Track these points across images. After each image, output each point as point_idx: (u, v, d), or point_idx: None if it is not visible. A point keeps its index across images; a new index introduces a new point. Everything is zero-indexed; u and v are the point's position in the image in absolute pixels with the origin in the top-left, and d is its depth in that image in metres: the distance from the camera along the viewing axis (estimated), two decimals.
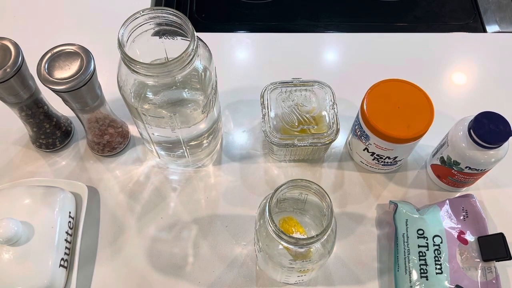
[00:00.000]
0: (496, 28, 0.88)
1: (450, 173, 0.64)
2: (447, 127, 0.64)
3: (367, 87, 0.63)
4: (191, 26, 0.51)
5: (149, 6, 0.86)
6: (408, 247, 0.60)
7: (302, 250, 0.50)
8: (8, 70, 0.55)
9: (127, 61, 0.49)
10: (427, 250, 0.59)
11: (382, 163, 0.66)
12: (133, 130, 0.72)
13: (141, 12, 0.52)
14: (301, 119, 0.65)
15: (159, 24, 0.53)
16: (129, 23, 0.51)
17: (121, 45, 0.50)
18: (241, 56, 0.83)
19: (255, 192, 0.67)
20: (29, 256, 0.56)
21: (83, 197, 0.64)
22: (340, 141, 0.72)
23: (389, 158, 0.64)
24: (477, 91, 0.79)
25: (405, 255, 0.59)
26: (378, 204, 0.67)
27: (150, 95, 0.55)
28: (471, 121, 0.58)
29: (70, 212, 0.61)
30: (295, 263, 0.51)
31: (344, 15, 0.92)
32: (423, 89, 0.63)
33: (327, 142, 0.63)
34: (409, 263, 0.59)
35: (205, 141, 0.66)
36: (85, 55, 0.57)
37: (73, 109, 0.62)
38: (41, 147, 0.69)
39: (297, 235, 0.56)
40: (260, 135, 0.72)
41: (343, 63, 0.83)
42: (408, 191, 0.68)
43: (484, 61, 0.82)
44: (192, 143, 0.64)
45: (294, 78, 0.67)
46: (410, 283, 0.58)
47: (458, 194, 0.67)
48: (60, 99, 0.59)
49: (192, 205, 0.67)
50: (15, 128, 0.71)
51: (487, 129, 0.57)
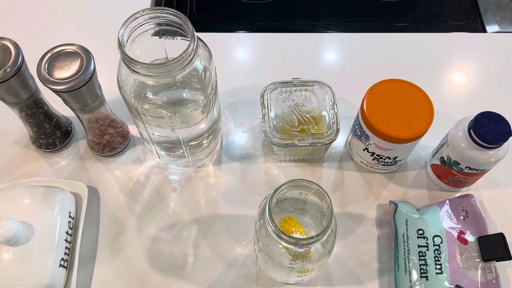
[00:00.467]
0: (496, 28, 0.88)
1: (450, 173, 0.64)
2: (447, 127, 0.64)
3: (367, 87, 0.63)
4: (191, 26, 0.51)
5: (149, 6, 0.86)
6: (408, 247, 0.60)
7: (302, 250, 0.50)
8: (8, 70, 0.55)
9: (127, 61, 0.49)
10: (427, 250, 0.59)
11: (382, 163, 0.66)
12: (133, 130, 0.72)
13: (141, 12, 0.52)
14: (301, 119, 0.65)
15: (159, 24, 0.53)
16: (129, 23, 0.51)
17: (121, 45, 0.50)
18: (241, 56, 0.83)
19: (255, 192, 0.67)
20: (29, 256, 0.56)
21: (83, 197, 0.64)
22: (340, 141, 0.72)
23: (389, 158, 0.64)
24: (477, 91, 0.79)
25: (405, 255, 0.59)
26: (378, 204, 0.67)
27: (150, 95, 0.55)
28: (471, 121, 0.58)
29: (70, 212, 0.61)
30: (295, 263, 0.51)
31: (344, 15, 0.92)
32: (423, 89, 0.63)
33: (327, 142, 0.63)
34: (409, 263, 0.59)
35: (205, 141, 0.66)
36: (85, 55, 0.57)
37: (73, 109, 0.62)
38: (41, 147, 0.69)
39: (297, 235, 0.56)
40: (260, 135, 0.72)
41: (343, 63, 0.83)
42: (408, 191, 0.68)
43: (484, 61, 0.82)
44: (192, 143, 0.64)
45: (294, 78, 0.67)
46: (410, 283, 0.58)
47: (458, 194, 0.67)
48: (60, 99, 0.59)
49: (192, 205, 0.67)
50: (15, 128, 0.71)
51: (487, 129, 0.57)
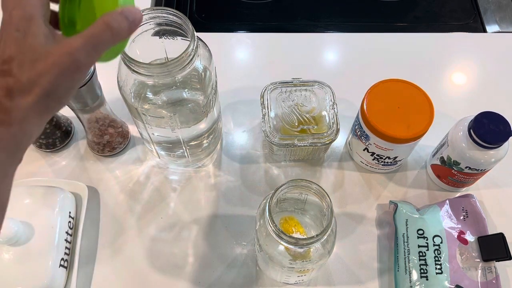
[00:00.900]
0: (496, 28, 0.88)
1: (450, 173, 0.64)
2: (447, 127, 0.64)
3: (367, 87, 0.63)
4: (191, 26, 0.51)
5: (149, 6, 0.86)
6: (408, 247, 0.60)
7: (302, 250, 0.50)
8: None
9: (127, 61, 0.49)
10: (427, 250, 0.59)
11: (382, 163, 0.66)
12: (133, 130, 0.72)
13: (141, 12, 0.52)
14: (301, 119, 0.65)
15: (159, 24, 0.53)
16: None
17: None
18: (241, 56, 0.83)
19: (255, 192, 0.67)
20: (29, 256, 0.56)
21: (83, 197, 0.64)
22: (340, 141, 0.72)
23: (389, 158, 0.64)
24: (477, 91, 0.79)
25: (405, 255, 0.59)
26: (378, 204, 0.67)
27: (150, 95, 0.55)
28: (471, 121, 0.58)
29: (70, 212, 0.61)
30: (295, 263, 0.51)
31: (344, 15, 0.92)
32: (423, 89, 0.63)
33: (327, 142, 0.63)
34: (409, 263, 0.59)
35: (205, 141, 0.66)
36: None
37: (73, 109, 0.62)
38: (41, 147, 0.69)
39: (297, 235, 0.56)
40: (260, 135, 0.72)
41: (343, 63, 0.83)
42: (408, 191, 0.68)
43: (484, 61, 0.82)
44: (192, 143, 0.64)
45: (294, 78, 0.67)
46: (410, 283, 0.58)
47: (458, 194, 0.67)
48: None
49: (192, 205, 0.67)
50: None
51: (487, 129, 0.57)
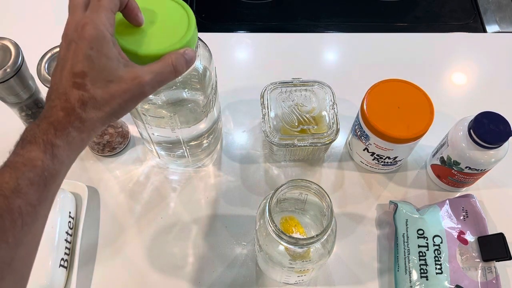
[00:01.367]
0: (496, 28, 0.88)
1: (450, 173, 0.64)
2: (447, 127, 0.64)
3: (367, 87, 0.63)
4: None
5: None
6: (408, 247, 0.60)
7: (301, 250, 0.50)
8: (8, 70, 0.55)
9: None
10: (427, 250, 0.59)
11: (382, 163, 0.66)
12: (133, 130, 0.72)
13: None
14: (301, 119, 0.65)
15: None
16: None
17: None
18: (241, 56, 0.83)
19: (255, 192, 0.67)
20: None
21: (83, 197, 0.64)
22: (340, 141, 0.72)
23: (389, 158, 0.64)
24: (477, 91, 0.79)
25: (405, 255, 0.59)
26: (378, 204, 0.67)
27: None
28: (471, 121, 0.58)
29: (70, 212, 0.61)
30: (295, 263, 0.51)
31: (344, 15, 0.92)
32: (423, 89, 0.63)
33: (327, 142, 0.63)
34: (409, 263, 0.59)
35: (205, 141, 0.66)
36: None
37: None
38: None
39: (297, 235, 0.56)
40: (260, 135, 0.72)
41: (343, 63, 0.83)
42: (408, 191, 0.68)
43: (484, 61, 0.82)
44: (192, 143, 0.64)
45: (294, 78, 0.67)
46: (410, 283, 0.58)
47: (458, 194, 0.67)
48: None
49: (192, 205, 0.67)
50: (15, 128, 0.71)
51: (487, 129, 0.57)
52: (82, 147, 0.41)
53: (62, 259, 0.58)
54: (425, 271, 0.58)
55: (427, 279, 0.57)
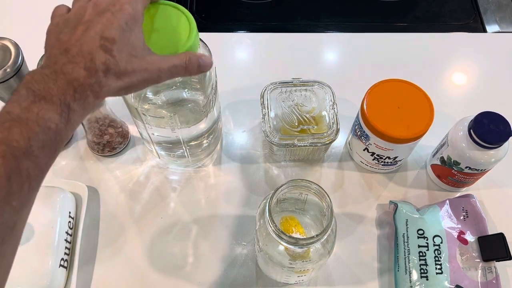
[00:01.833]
0: (496, 28, 0.88)
1: (450, 173, 0.64)
2: (447, 127, 0.64)
3: (367, 87, 0.63)
4: None
5: None
6: (408, 247, 0.60)
7: (301, 250, 0.50)
8: (8, 70, 0.55)
9: None
10: (427, 250, 0.59)
11: (382, 163, 0.66)
12: (133, 130, 0.72)
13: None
14: (301, 119, 0.65)
15: None
16: None
17: None
18: (241, 56, 0.83)
19: (255, 192, 0.67)
20: (29, 256, 0.56)
21: (83, 197, 0.64)
22: (340, 141, 0.72)
23: (389, 158, 0.64)
24: (477, 91, 0.79)
25: (405, 255, 0.59)
26: (378, 204, 0.67)
27: (150, 95, 0.54)
28: (471, 121, 0.58)
29: (70, 212, 0.61)
30: (295, 263, 0.51)
31: (344, 15, 0.92)
32: (423, 89, 0.63)
33: (327, 142, 0.63)
34: (409, 263, 0.59)
35: (205, 141, 0.66)
36: None
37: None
38: None
39: (297, 235, 0.56)
40: (260, 135, 0.72)
41: (343, 63, 0.83)
42: (408, 191, 0.68)
43: (484, 61, 0.82)
44: (192, 143, 0.64)
45: (294, 78, 0.67)
46: (410, 283, 0.58)
47: (458, 194, 0.67)
48: None
49: (192, 205, 0.67)
50: None
51: (487, 129, 0.57)
52: (88, 114, 0.41)
53: (62, 259, 0.58)
54: (425, 271, 0.58)
55: (427, 279, 0.57)
